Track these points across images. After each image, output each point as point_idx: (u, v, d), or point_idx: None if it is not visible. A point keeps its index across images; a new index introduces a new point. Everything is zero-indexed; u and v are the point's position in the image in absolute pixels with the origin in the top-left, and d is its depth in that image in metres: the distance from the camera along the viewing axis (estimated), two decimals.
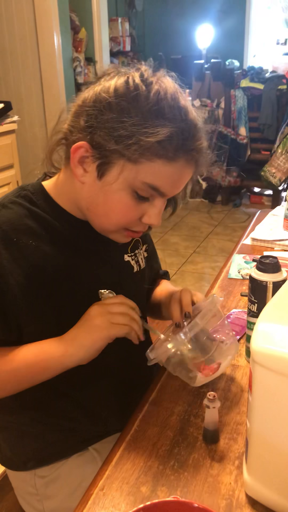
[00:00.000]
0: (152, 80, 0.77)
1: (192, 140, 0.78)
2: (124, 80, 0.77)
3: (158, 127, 0.73)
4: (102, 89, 0.77)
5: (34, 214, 0.84)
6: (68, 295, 0.85)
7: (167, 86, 0.77)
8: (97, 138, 0.76)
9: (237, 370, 0.91)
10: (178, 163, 0.77)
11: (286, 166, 4.06)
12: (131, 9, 5.75)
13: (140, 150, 0.74)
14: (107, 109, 0.75)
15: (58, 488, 0.94)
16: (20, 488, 1.01)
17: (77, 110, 0.80)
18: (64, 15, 3.63)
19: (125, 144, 0.74)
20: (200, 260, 3.53)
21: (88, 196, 0.81)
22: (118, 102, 0.75)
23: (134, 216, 0.81)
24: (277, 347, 0.57)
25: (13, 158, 2.89)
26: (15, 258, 0.80)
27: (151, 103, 0.74)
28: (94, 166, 0.78)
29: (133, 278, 0.97)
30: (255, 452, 0.63)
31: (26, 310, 0.81)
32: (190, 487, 0.67)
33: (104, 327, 0.78)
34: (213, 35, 5.55)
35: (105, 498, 0.66)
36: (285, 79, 4.22)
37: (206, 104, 4.56)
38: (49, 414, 0.93)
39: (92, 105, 0.77)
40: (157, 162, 0.75)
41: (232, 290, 1.22)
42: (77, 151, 0.78)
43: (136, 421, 0.80)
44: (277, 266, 0.87)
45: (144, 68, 0.79)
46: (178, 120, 0.75)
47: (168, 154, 0.75)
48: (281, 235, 1.48)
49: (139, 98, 0.75)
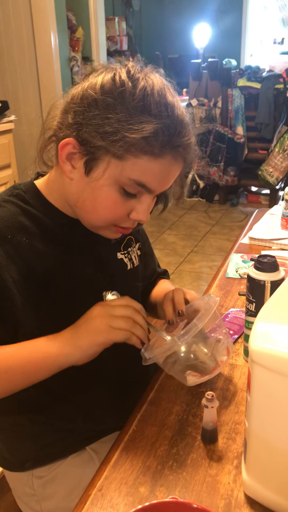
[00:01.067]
0: (138, 76, 0.77)
1: (179, 136, 0.77)
2: (111, 76, 0.77)
3: (143, 123, 0.73)
4: (89, 86, 0.77)
5: (27, 212, 0.84)
6: (62, 293, 0.85)
7: (154, 82, 0.77)
8: (84, 134, 0.76)
9: (235, 370, 0.91)
10: (164, 159, 0.77)
11: (283, 165, 4.06)
12: (128, 8, 5.75)
13: (125, 146, 0.74)
14: (93, 106, 0.75)
15: (56, 488, 0.93)
16: (17, 489, 1.00)
17: (65, 107, 0.80)
18: (61, 14, 3.63)
19: (110, 140, 0.74)
20: (198, 259, 3.53)
21: (76, 192, 0.81)
22: (104, 99, 0.75)
23: (122, 212, 0.81)
24: (276, 346, 0.57)
25: (10, 158, 2.89)
26: (10, 255, 0.80)
27: (137, 99, 0.74)
28: (82, 162, 0.78)
29: (127, 276, 0.97)
30: (254, 452, 0.63)
31: (22, 307, 0.81)
32: (189, 487, 0.67)
33: (103, 330, 0.77)
34: (210, 34, 5.56)
35: (103, 498, 0.66)
36: (282, 78, 4.22)
37: (203, 103, 4.56)
38: (46, 416, 0.93)
39: (79, 102, 0.77)
40: (143, 158, 0.75)
41: (230, 289, 1.22)
42: (64, 148, 0.78)
43: (135, 421, 0.80)
44: (275, 265, 0.87)
45: (131, 64, 0.79)
46: (164, 116, 0.75)
47: (154, 150, 0.75)
48: (278, 234, 1.48)
49: (125, 94, 0.75)
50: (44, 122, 0.85)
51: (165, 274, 1.19)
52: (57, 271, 0.85)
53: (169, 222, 4.25)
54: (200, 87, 4.64)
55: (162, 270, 1.19)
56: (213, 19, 5.60)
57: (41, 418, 0.93)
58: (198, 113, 4.53)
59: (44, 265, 0.83)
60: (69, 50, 3.84)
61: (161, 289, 1.08)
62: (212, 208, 4.63)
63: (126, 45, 5.32)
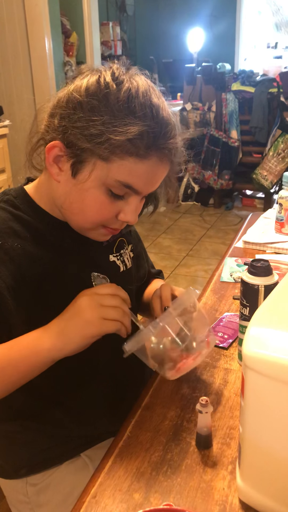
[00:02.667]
0: (123, 78, 0.77)
1: (164, 138, 0.78)
2: (96, 79, 0.77)
3: (128, 125, 0.74)
4: (74, 89, 0.78)
5: (18, 218, 0.85)
6: (55, 296, 0.84)
7: (138, 84, 0.77)
8: (70, 137, 0.76)
9: (230, 374, 0.91)
10: (150, 160, 0.77)
11: (277, 169, 4.07)
12: (122, 13, 5.76)
13: (110, 148, 0.74)
14: (78, 108, 0.76)
15: (50, 495, 0.93)
16: (11, 496, 0.99)
17: (51, 110, 0.81)
18: (55, 19, 3.63)
19: (96, 142, 0.74)
20: (193, 263, 3.53)
21: (64, 194, 0.82)
22: (88, 101, 0.75)
23: (109, 214, 0.82)
24: (269, 351, 0.57)
25: (4, 163, 2.88)
26: (2, 261, 0.80)
27: (121, 101, 0.75)
28: (68, 164, 0.79)
29: (120, 278, 0.97)
30: (248, 457, 0.62)
31: (15, 312, 0.81)
32: (183, 493, 0.67)
33: (95, 323, 0.75)
34: (204, 39, 5.58)
35: (97, 506, 0.65)
36: (275, 82, 4.24)
37: (198, 108, 4.58)
38: (39, 421, 0.92)
39: (65, 105, 0.78)
40: (128, 160, 0.76)
41: (224, 294, 1.22)
42: (51, 151, 0.79)
43: (129, 427, 0.79)
44: (269, 269, 0.87)
45: (116, 66, 0.80)
46: (149, 118, 0.76)
47: (139, 151, 0.75)
48: (272, 238, 1.48)
49: (109, 96, 0.75)
50: (31, 126, 0.85)
51: (159, 274, 1.19)
52: (49, 275, 0.84)
53: (164, 226, 4.26)
54: (194, 92, 4.66)
55: (157, 271, 1.19)
56: (207, 24, 5.63)
57: (34, 424, 0.93)
58: (192, 117, 4.54)
59: (36, 269, 0.83)
60: (63, 55, 3.84)
61: (153, 288, 1.08)
62: (207, 212, 4.63)
63: (120, 50, 5.33)
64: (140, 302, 1.12)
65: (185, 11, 5.81)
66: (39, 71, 3.65)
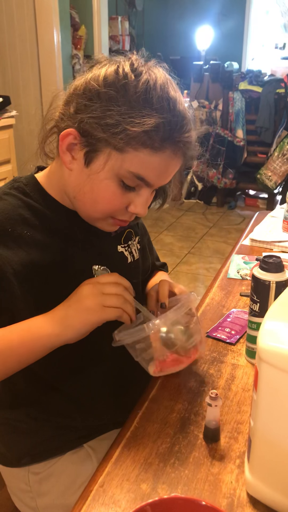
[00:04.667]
0: (142, 70, 0.77)
1: (179, 132, 0.78)
2: (114, 69, 0.77)
3: (145, 117, 0.73)
4: (92, 78, 0.77)
5: (28, 205, 0.84)
6: (62, 285, 0.84)
7: (157, 76, 0.77)
8: (85, 126, 0.76)
9: (237, 369, 0.91)
10: (164, 153, 0.77)
11: (282, 170, 4.07)
12: (131, 8, 5.75)
13: (126, 139, 0.74)
14: (95, 98, 0.75)
15: (52, 485, 0.93)
16: (13, 484, 0.99)
17: (68, 98, 0.80)
18: (64, 12, 3.62)
19: (111, 132, 0.74)
20: (195, 261, 3.53)
21: (75, 183, 0.82)
22: (106, 91, 0.75)
23: (120, 205, 0.82)
24: (284, 345, 0.57)
25: (10, 153, 2.87)
26: (10, 247, 0.80)
27: (139, 93, 0.75)
28: (82, 153, 0.78)
29: (127, 269, 0.97)
30: (258, 451, 0.62)
31: (22, 298, 0.80)
32: (191, 485, 0.66)
33: (96, 310, 0.76)
34: (213, 37, 5.57)
35: (105, 494, 0.65)
36: (283, 83, 4.23)
37: (204, 106, 4.57)
38: (42, 410, 0.92)
39: (82, 93, 0.77)
40: (142, 152, 0.76)
41: (231, 290, 1.22)
42: (65, 138, 0.78)
43: (136, 418, 0.79)
44: (280, 265, 0.87)
45: (135, 57, 0.79)
46: (166, 110, 0.75)
47: (154, 144, 0.75)
48: (280, 237, 1.48)
49: (127, 87, 0.75)
50: (46, 113, 0.85)
51: (163, 267, 1.19)
52: (57, 263, 0.84)
53: (167, 223, 4.25)
54: (201, 89, 4.65)
55: (161, 263, 1.19)
56: (216, 22, 5.62)
57: (38, 413, 0.93)
58: (198, 115, 4.53)
59: (44, 257, 0.83)
60: (71, 48, 3.83)
61: (156, 280, 1.08)
62: (210, 210, 4.63)
63: (128, 45, 5.31)
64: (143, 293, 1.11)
65: (194, 8, 5.80)
66: (47, 63, 3.63)
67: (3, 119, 2.78)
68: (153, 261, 1.15)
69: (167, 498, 0.51)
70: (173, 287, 0.94)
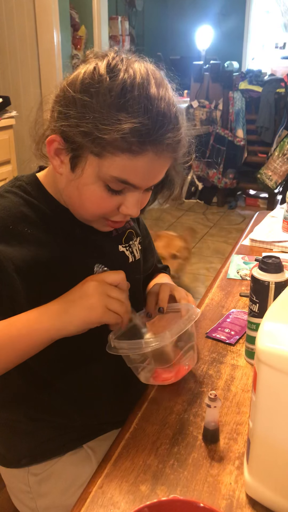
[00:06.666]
0: (119, 68, 0.74)
1: (159, 132, 0.74)
2: (91, 70, 0.75)
3: (118, 123, 0.71)
4: (70, 82, 0.76)
5: (29, 203, 0.85)
6: (63, 283, 0.83)
7: (136, 74, 0.74)
8: (67, 131, 0.75)
9: (236, 370, 0.91)
10: (146, 156, 0.74)
11: (282, 169, 4.07)
12: (131, 8, 5.75)
13: (102, 145, 0.73)
14: (71, 105, 0.75)
15: (51, 486, 0.93)
16: (13, 485, 0.99)
17: (53, 101, 0.80)
18: (64, 12, 3.62)
19: (89, 138, 0.73)
20: (195, 261, 3.52)
21: (65, 186, 0.82)
22: (80, 98, 0.74)
23: (110, 207, 0.81)
24: (283, 346, 0.56)
25: (10, 154, 2.87)
26: (11, 245, 0.80)
27: (114, 96, 0.72)
28: (68, 158, 0.78)
29: (128, 269, 0.96)
30: (257, 453, 0.62)
31: (24, 294, 0.80)
32: (190, 486, 0.66)
33: (99, 310, 0.75)
34: (213, 36, 5.56)
35: (104, 496, 0.65)
36: (283, 83, 4.23)
37: (204, 105, 4.56)
38: (41, 411, 0.92)
39: (61, 99, 0.77)
40: (121, 157, 0.74)
41: (231, 290, 1.22)
42: (51, 144, 0.78)
43: (135, 419, 0.79)
44: (280, 266, 0.86)
45: (113, 55, 0.76)
46: (142, 112, 0.72)
47: (132, 147, 0.73)
48: (280, 237, 1.48)
49: (101, 91, 0.72)
50: (36, 117, 0.84)
51: (165, 269, 1.19)
52: (58, 262, 0.84)
53: (167, 223, 4.25)
54: (202, 89, 4.64)
55: (163, 266, 1.19)
56: (216, 22, 5.61)
57: (37, 414, 0.93)
58: (198, 115, 4.53)
59: (45, 255, 0.83)
60: (71, 48, 3.83)
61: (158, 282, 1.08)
62: (210, 210, 4.63)
63: (128, 44, 5.31)
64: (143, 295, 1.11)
65: (194, 8, 5.80)
66: (47, 63, 3.63)
67: (3, 119, 2.78)
68: (154, 263, 1.15)
69: (166, 500, 0.51)
70: (173, 290, 0.94)
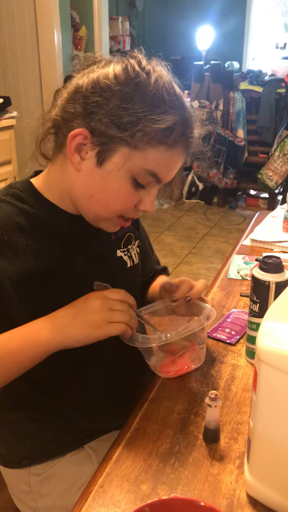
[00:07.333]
0: (149, 68, 0.77)
1: (190, 128, 0.79)
2: (123, 67, 0.76)
3: (163, 114, 0.74)
4: (101, 76, 0.76)
5: (24, 211, 0.83)
6: (61, 291, 0.83)
7: (162, 75, 0.78)
8: (98, 125, 0.75)
9: (237, 370, 0.91)
10: (176, 150, 0.78)
11: (283, 170, 4.07)
12: (131, 9, 5.75)
13: (145, 137, 0.74)
14: (109, 96, 0.75)
15: (52, 486, 0.93)
16: (14, 486, 0.99)
17: (70, 97, 0.79)
18: (65, 12, 3.62)
19: (129, 131, 0.74)
20: (196, 261, 3.53)
21: (85, 184, 0.80)
22: (120, 89, 0.74)
23: (131, 203, 0.82)
24: (284, 345, 0.57)
25: (11, 154, 2.87)
26: (6, 257, 0.79)
27: (153, 91, 0.75)
28: (93, 153, 0.77)
29: (127, 274, 0.96)
30: (258, 452, 0.62)
31: (20, 307, 0.80)
32: (191, 485, 0.67)
33: (102, 327, 0.76)
34: (213, 37, 5.57)
35: (105, 495, 0.65)
36: (284, 83, 4.23)
37: (205, 106, 4.57)
38: (42, 412, 0.92)
39: (91, 92, 0.76)
40: (159, 149, 0.76)
41: (231, 290, 1.22)
42: (75, 139, 0.77)
43: (136, 419, 0.79)
44: (280, 266, 0.87)
45: (141, 56, 0.79)
46: (179, 107, 0.76)
47: (168, 141, 0.76)
48: (280, 237, 1.48)
49: (141, 85, 0.75)
50: (44, 113, 0.84)
51: (164, 271, 1.19)
52: (56, 270, 0.83)
53: (168, 223, 4.25)
54: (202, 89, 4.64)
55: (162, 267, 1.18)
56: (216, 22, 5.61)
57: (38, 415, 0.93)
58: (199, 115, 4.53)
59: (43, 264, 0.82)
60: (72, 48, 3.83)
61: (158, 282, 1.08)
62: (211, 210, 4.63)
63: (128, 45, 5.31)
64: (144, 299, 1.11)
65: (194, 8, 5.80)
66: (47, 64, 3.63)
67: (3, 120, 2.79)
68: (153, 265, 1.15)
69: (166, 499, 0.51)
70: (193, 286, 0.96)
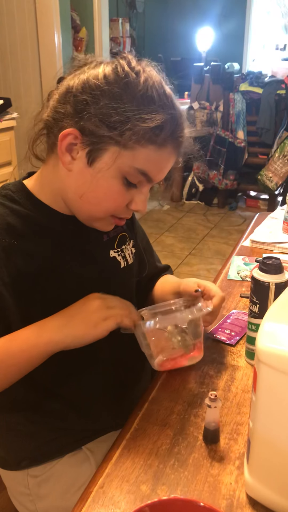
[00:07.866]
0: (139, 69, 0.78)
1: (180, 128, 0.80)
2: (112, 67, 0.77)
3: (153, 113, 0.74)
4: (91, 76, 0.77)
5: (16, 212, 0.83)
6: (54, 292, 0.84)
7: (152, 75, 0.79)
8: (88, 124, 0.75)
9: (237, 371, 0.91)
10: (166, 149, 0.79)
11: (283, 171, 4.07)
12: (132, 10, 5.75)
13: (134, 136, 0.75)
14: (98, 96, 0.75)
15: (51, 488, 0.93)
16: (12, 488, 0.99)
17: (61, 98, 0.79)
18: (65, 14, 3.62)
19: (118, 130, 0.74)
20: (196, 262, 3.53)
21: (76, 184, 0.81)
22: (110, 89, 0.75)
23: (122, 203, 0.82)
24: (283, 346, 0.57)
25: (11, 155, 2.88)
26: None
27: (142, 90, 0.75)
28: (84, 153, 0.78)
29: (120, 274, 0.96)
30: (257, 453, 0.62)
31: (14, 309, 0.80)
32: (191, 486, 0.67)
33: (99, 324, 0.77)
34: (213, 38, 5.57)
35: (104, 496, 0.65)
36: (284, 84, 4.23)
37: (205, 107, 4.57)
38: (41, 413, 0.92)
39: (81, 92, 0.76)
40: (148, 148, 0.76)
41: (231, 291, 1.22)
42: (65, 138, 0.77)
43: (136, 419, 0.79)
44: (280, 267, 0.87)
45: (131, 57, 0.80)
46: (168, 107, 0.77)
47: (158, 140, 0.76)
48: (280, 238, 1.48)
49: (130, 84, 0.75)
50: (36, 114, 0.84)
51: (168, 269, 1.18)
52: (48, 271, 0.83)
53: (168, 224, 4.25)
54: (202, 91, 4.65)
55: (164, 266, 1.18)
56: (216, 23, 5.62)
57: (37, 417, 0.93)
58: (199, 116, 4.54)
59: (35, 265, 0.82)
60: (72, 50, 3.83)
61: (168, 282, 1.08)
62: (211, 212, 4.63)
63: (129, 46, 5.32)
64: (149, 298, 1.10)
65: (194, 9, 5.81)
66: (48, 65, 3.64)
67: (4, 121, 2.79)
68: (155, 264, 1.14)
69: (166, 500, 0.51)
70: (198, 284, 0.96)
